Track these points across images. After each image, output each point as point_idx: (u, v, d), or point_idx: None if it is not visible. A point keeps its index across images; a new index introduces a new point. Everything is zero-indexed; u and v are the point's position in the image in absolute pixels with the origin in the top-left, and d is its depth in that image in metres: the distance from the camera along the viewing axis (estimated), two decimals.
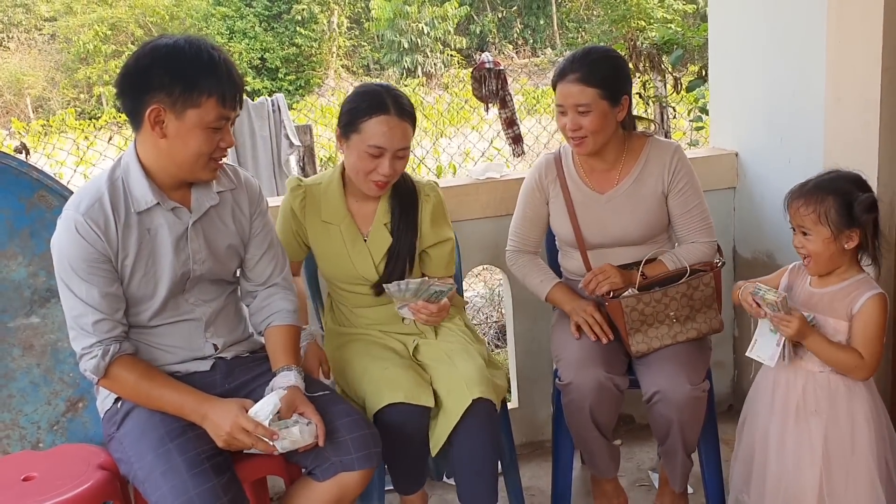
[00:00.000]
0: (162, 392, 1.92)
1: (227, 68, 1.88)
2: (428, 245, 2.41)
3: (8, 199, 2.38)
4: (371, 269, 2.35)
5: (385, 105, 2.20)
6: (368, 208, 2.38)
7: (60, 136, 9.18)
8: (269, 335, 2.13)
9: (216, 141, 1.90)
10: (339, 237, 2.35)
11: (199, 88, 1.83)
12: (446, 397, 2.19)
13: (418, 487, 2.35)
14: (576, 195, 2.49)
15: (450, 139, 9.20)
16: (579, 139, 2.35)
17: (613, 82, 2.34)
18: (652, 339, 2.32)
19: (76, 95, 19.86)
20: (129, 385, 1.93)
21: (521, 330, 3.08)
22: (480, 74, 4.20)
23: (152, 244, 1.95)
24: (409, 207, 2.37)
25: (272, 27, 21.09)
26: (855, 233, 2.03)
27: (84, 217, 1.87)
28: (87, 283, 1.88)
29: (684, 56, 5.47)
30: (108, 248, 1.89)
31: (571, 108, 2.32)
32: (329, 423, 1.94)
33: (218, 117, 1.87)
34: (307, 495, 1.97)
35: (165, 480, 1.77)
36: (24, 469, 2.01)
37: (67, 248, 1.88)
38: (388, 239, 2.35)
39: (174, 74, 1.83)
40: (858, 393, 2.09)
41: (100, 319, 1.89)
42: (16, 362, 2.41)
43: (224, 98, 1.86)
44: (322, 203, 2.36)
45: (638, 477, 2.89)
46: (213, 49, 1.89)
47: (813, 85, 2.60)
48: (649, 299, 2.30)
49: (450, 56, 20.99)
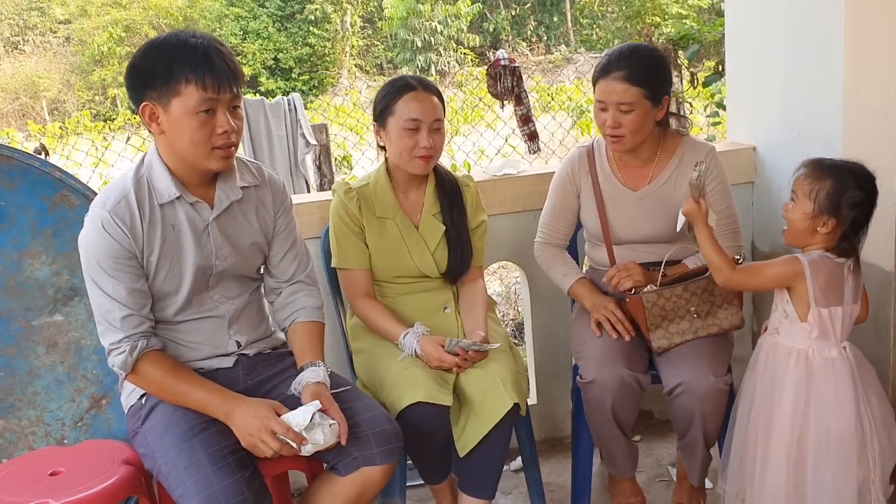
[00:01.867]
0: (188, 389, 1.94)
1: (205, 52, 1.84)
2: (471, 229, 2.49)
3: (31, 199, 2.41)
4: (427, 257, 2.42)
5: (411, 84, 2.35)
6: (416, 199, 2.46)
7: (78, 138, 9.25)
8: (293, 331, 2.14)
9: (210, 127, 1.88)
10: (395, 230, 2.42)
11: (175, 76, 1.83)
12: (481, 400, 2.20)
13: (444, 477, 2.37)
14: (607, 190, 2.49)
15: (465, 137, 9.21)
16: (618, 137, 2.35)
17: (657, 82, 2.33)
18: (673, 334, 2.32)
19: (91, 97, 20.00)
20: (156, 381, 1.94)
21: (539, 326, 3.08)
22: (496, 71, 4.22)
23: (177, 240, 1.97)
24: (454, 195, 2.47)
25: (285, 27, 21.16)
26: (832, 221, 2.05)
27: (111, 214, 1.89)
28: (113, 280, 1.90)
29: (700, 51, 5.46)
30: (133, 245, 1.91)
31: (613, 105, 2.31)
32: (351, 417, 1.95)
33: (201, 101, 1.84)
34: (329, 490, 1.98)
35: (189, 475, 1.79)
36: (50, 464, 2.04)
37: (94, 246, 1.90)
38: (440, 227, 2.43)
39: (154, 68, 1.84)
40: (840, 368, 2.10)
41: (127, 315, 1.91)
42: (40, 360, 2.43)
43: (204, 81, 1.83)
44: (375, 200, 2.42)
45: (657, 472, 2.89)
46: (194, 37, 1.87)
47: (831, 78, 2.59)
48: (670, 294, 2.31)
49: (463, 54, 20.99)
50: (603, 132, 2.39)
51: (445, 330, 2.38)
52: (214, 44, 1.88)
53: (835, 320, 2.09)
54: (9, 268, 2.39)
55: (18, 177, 2.39)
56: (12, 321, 2.40)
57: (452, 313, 2.45)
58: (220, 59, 1.86)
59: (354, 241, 2.41)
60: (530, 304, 3.07)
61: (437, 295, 2.47)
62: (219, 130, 1.89)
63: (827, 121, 2.64)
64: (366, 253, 2.42)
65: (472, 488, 2.30)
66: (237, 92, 1.92)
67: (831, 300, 2.08)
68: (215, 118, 1.88)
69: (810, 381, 2.10)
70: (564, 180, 2.55)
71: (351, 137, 9.72)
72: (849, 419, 2.07)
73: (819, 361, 2.10)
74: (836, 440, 2.08)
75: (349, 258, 2.41)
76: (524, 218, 2.92)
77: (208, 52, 1.85)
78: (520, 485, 2.84)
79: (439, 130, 2.35)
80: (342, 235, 2.41)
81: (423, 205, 2.46)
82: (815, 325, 2.09)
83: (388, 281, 2.46)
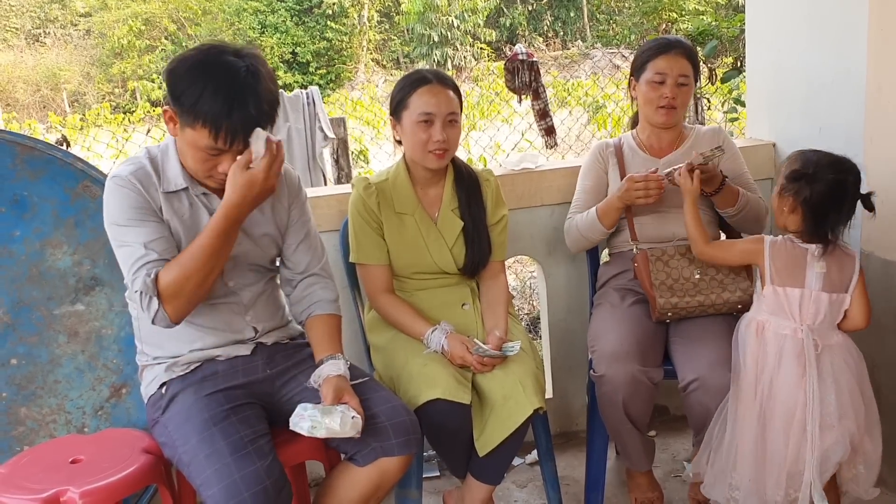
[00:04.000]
0: (199, 247, 1.89)
1: (235, 105, 1.80)
2: (490, 224, 2.48)
3: (54, 190, 2.43)
4: (445, 253, 2.42)
5: (426, 77, 2.34)
6: (434, 194, 2.46)
7: (98, 130, 9.32)
8: (311, 325, 2.15)
9: (212, 164, 1.90)
10: (413, 226, 2.42)
11: (195, 112, 1.82)
12: (502, 403, 2.20)
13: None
14: (632, 159, 2.62)
15: (481, 131, 9.20)
16: (671, 109, 2.52)
17: (698, 67, 2.61)
18: (677, 295, 2.40)
19: (111, 90, 20.13)
20: (177, 275, 1.88)
21: (555, 321, 3.08)
22: (513, 66, 4.22)
23: (196, 216, 1.99)
24: (474, 190, 2.46)
25: (303, 21, 21.21)
26: (789, 201, 2.13)
27: (128, 175, 1.93)
28: (137, 229, 1.90)
29: (718, 47, 5.43)
30: (151, 202, 1.94)
31: (674, 77, 2.50)
32: (369, 409, 1.96)
33: (209, 147, 1.86)
34: (347, 480, 1.99)
35: (209, 464, 1.80)
36: (71, 452, 2.05)
37: (115, 205, 1.92)
38: (458, 223, 2.43)
39: (181, 92, 1.83)
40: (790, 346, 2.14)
41: (155, 259, 1.90)
42: (61, 349, 2.46)
43: (217, 133, 1.83)
44: (393, 195, 2.42)
45: (673, 468, 2.89)
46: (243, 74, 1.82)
47: (853, 73, 2.57)
48: (674, 252, 2.45)
49: (479, 49, 20.96)
50: (652, 108, 2.54)
51: (464, 326, 2.38)
52: (253, 88, 1.83)
53: (791, 300, 2.15)
54: (31, 257, 2.42)
55: (41, 167, 2.42)
56: (34, 310, 2.43)
57: (471, 310, 2.44)
58: (246, 113, 1.82)
59: (373, 237, 2.41)
60: (546, 299, 3.07)
61: (456, 290, 2.47)
62: (219, 169, 1.91)
63: (848, 117, 2.62)
64: (384, 248, 2.42)
65: (482, 475, 2.31)
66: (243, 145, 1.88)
67: (787, 281, 2.16)
68: (219, 159, 1.89)
69: (764, 352, 2.18)
70: (595, 158, 2.67)
71: (367, 132, 9.74)
72: (787, 394, 2.13)
73: (771, 335, 2.18)
74: (781, 411, 2.14)
75: (368, 254, 2.41)
76: (541, 212, 2.92)
77: (239, 98, 1.81)
78: (535, 478, 2.85)
79: (454, 124, 2.34)
80: (360, 231, 2.41)
81: (442, 200, 2.46)
82: (770, 300, 2.18)
83: (406, 276, 2.47)
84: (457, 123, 2.35)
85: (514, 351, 2.26)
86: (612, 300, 2.53)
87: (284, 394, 2.09)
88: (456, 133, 2.35)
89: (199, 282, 1.90)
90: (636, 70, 2.58)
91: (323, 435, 1.86)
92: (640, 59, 2.57)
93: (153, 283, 1.87)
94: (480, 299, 2.48)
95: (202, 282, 1.91)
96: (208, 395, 1.97)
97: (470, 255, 2.43)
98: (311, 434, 1.86)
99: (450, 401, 2.13)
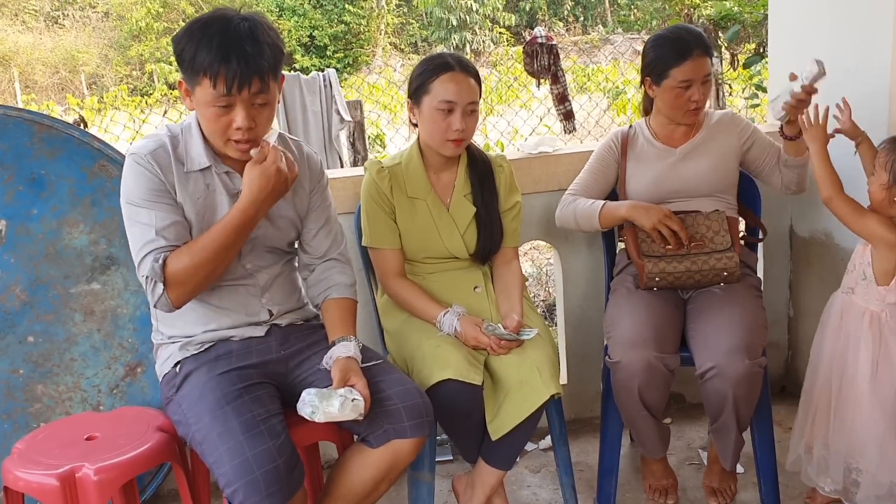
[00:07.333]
0: (210, 237, 1.91)
1: (230, 45, 1.79)
2: (503, 210, 2.47)
3: (71, 168, 2.44)
4: (457, 238, 2.40)
5: (449, 64, 2.29)
6: (447, 180, 2.44)
7: (115, 112, 9.36)
8: (326, 308, 2.15)
9: (226, 121, 1.87)
10: (425, 211, 2.40)
11: (195, 67, 1.82)
12: (517, 387, 2.19)
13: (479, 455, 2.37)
14: (649, 151, 2.60)
15: (500, 116, 9.16)
16: (698, 109, 2.50)
17: (712, 52, 2.55)
18: (664, 261, 2.41)
19: (129, 72, 20.17)
20: (187, 266, 1.89)
21: (571, 307, 3.07)
22: (532, 49, 4.19)
23: (211, 199, 1.99)
24: (487, 177, 2.44)
25: (321, 4, 21.14)
26: None
27: (146, 154, 1.93)
28: (150, 211, 1.91)
29: (740, 32, 5.37)
30: (167, 184, 1.93)
31: (700, 79, 2.45)
32: (382, 391, 1.96)
33: (214, 97, 1.84)
34: (360, 462, 1.99)
35: (222, 442, 1.81)
36: (87, 429, 2.07)
37: (133, 184, 1.92)
38: (471, 209, 2.41)
39: (183, 53, 1.84)
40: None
41: (165, 245, 1.90)
42: (77, 327, 2.48)
43: (216, 80, 1.80)
44: (406, 180, 2.40)
45: (688, 455, 2.88)
46: (237, 23, 1.81)
47: (877, 60, 2.53)
48: None
49: (498, 33, 20.84)
50: (681, 111, 2.50)
51: (477, 310, 2.37)
52: (248, 33, 1.82)
53: None
54: (48, 235, 2.43)
55: (59, 146, 2.43)
56: (51, 288, 2.45)
57: (483, 293, 2.43)
58: (242, 55, 1.80)
59: (385, 221, 2.40)
60: (563, 285, 3.05)
61: (467, 274, 2.46)
62: (234, 126, 1.88)
63: (872, 104, 2.57)
64: (396, 232, 2.41)
65: (494, 460, 2.31)
66: (261, 88, 1.85)
67: None
68: (232, 113, 1.87)
69: (881, 342, 2.18)
70: (608, 145, 2.66)
71: (384, 115, 9.71)
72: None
73: (893, 325, 2.18)
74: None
75: (380, 238, 2.40)
76: (558, 197, 2.89)
77: (235, 44, 1.79)
78: (548, 463, 2.84)
79: (473, 113, 2.31)
80: (373, 214, 2.39)
81: (455, 186, 2.44)
82: (894, 291, 2.17)
83: (417, 261, 2.46)
84: (476, 112, 2.33)
85: (530, 335, 2.25)
86: (629, 286, 2.51)
87: (298, 374, 2.09)
88: (474, 122, 2.33)
89: (208, 273, 1.92)
90: (657, 75, 2.48)
91: (322, 419, 1.86)
92: (660, 65, 2.46)
93: (161, 268, 1.89)
94: (494, 285, 2.46)
95: (210, 273, 1.93)
96: (221, 374, 1.97)
97: (482, 241, 2.42)
98: (312, 419, 1.86)
99: (461, 381, 2.12)
